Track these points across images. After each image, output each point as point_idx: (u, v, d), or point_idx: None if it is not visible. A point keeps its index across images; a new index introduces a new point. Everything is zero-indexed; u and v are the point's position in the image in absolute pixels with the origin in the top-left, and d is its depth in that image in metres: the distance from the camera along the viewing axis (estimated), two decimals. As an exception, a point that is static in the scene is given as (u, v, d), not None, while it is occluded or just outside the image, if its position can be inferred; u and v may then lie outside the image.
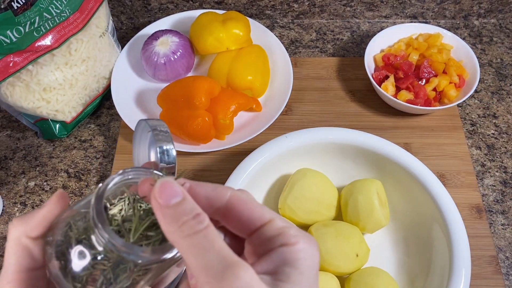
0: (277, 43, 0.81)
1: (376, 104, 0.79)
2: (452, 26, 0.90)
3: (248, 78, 0.75)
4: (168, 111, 0.72)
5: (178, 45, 0.77)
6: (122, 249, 0.26)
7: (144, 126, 0.32)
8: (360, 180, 0.64)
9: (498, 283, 0.64)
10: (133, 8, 0.89)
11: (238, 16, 0.78)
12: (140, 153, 0.34)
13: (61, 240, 0.28)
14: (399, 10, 0.89)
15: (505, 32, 0.90)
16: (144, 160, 0.35)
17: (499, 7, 0.89)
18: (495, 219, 0.69)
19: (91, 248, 0.27)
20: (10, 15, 0.61)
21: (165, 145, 0.31)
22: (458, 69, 0.76)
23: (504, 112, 0.80)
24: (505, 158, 0.75)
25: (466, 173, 0.72)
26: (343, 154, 0.66)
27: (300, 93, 0.81)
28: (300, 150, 0.65)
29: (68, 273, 0.28)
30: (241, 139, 0.72)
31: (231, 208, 0.27)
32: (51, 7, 0.65)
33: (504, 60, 0.86)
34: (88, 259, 0.27)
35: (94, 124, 0.79)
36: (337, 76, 0.83)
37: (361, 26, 0.91)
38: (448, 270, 0.56)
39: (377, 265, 0.61)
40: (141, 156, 0.34)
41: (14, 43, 0.63)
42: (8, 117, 0.80)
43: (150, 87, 0.79)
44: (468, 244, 0.57)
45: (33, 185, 0.73)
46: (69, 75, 0.71)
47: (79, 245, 0.27)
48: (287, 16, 0.91)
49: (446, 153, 0.74)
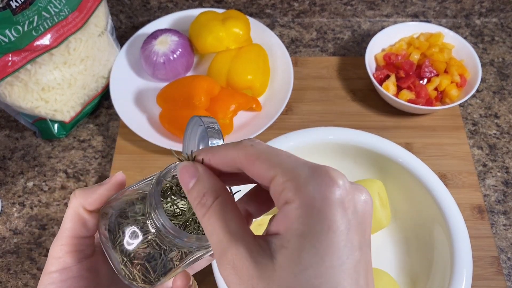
0: (278, 42, 0.81)
1: (377, 103, 0.79)
2: (453, 25, 0.90)
3: (248, 78, 0.74)
4: (168, 110, 0.72)
5: (177, 44, 0.76)
6: (171, 232, 0.29)
7: (196, 121, 0.34)
8: (361, 180, 0.64)
9: (500, 284, 0.63)
10: (132, 7, 0.89)
11: (238, 15, 0.78)
12: (189, 147, 0.35)
13: (117, 215, 0.31)
14: (400, 9, 0.89)
15: (506, 32, 0.89)
16: None
17: (501, 6, 0.88)
18: (497, 219, 0.69)
19: (143, 228, 0.30)
20: (9, 14, 0.61)
21: (215, 140, 0.32)
22: (460, 69, 0.76)
23: (506, 112, 0.79)
24: (507, 158, 0.74)
25: (468, 173, 0.72)
26: (343, 154, 0.66)
27: (301, 93, 0.80)
28: (300, 150, 0.65)
29: (117, 245, 0.31)
30: (241, 139, 0.71)
31: (244, 168, 0.27)
32: (49, 6, 0.65)
33: (506, 60, 0.85)
34: (139, 238, 0.30)
35: (93, 123, 0.78)
36: (338, 76, 0.83)
37: (362, 25, 0.90)
38: (450, 271, 0.55)
39: (378, 266, 0.61)
40: (190, 149, 0.35)
41: (12, 42, 0.63)
42: (7, 117, 0.79)
43: (149, 87, 0.79)
44: (470, 245, 0.56)
45: (31, 185, 0.72)
46: (67, 74, 0.70)
47: (133, 224, 0.31)
48: (287, 15, 0.90)
49: (447, 153, 0.74)
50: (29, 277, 0.65)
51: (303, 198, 0.23)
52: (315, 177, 0.24)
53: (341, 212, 0.23)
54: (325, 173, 0.24)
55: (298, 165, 0.25)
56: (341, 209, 0.23)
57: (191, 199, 0.27)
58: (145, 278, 0.31)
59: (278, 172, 0.25)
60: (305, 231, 0.23)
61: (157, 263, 0.31)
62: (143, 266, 0.31)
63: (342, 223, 0.23)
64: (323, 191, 0.23)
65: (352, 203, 0.23)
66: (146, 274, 0.31)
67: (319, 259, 0.22)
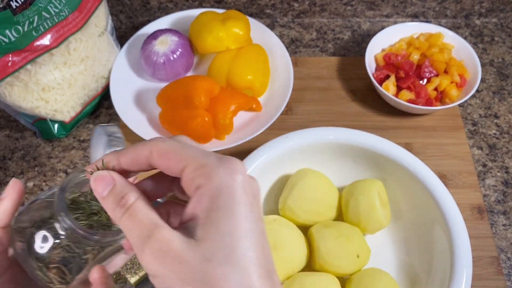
0: (278, 42, 0.81)
1: (377, 104, 0.79)
2: (453, 26, 0.90)
3: (248, 78, 0.74)
4: (168, 111, 0.72)
5: (177, 45, 0.76)
6: (79, 232, 0.31)
7: (100, 132, 0.37)
8: (361, 180, 0.64)
9: (500, 284, 0.63)
10: (132, 7, 0.89)
11: (238, 15, 0.78)
12: (97, 156, 0.38)
13: (27, 225, 0.33)
14: (400, 9, 0.89)
15: (506, 32, 0.89)
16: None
17: (501, 7, 0.88)
18: (497, 219, 0.69)
19: (53, 232, 0.33)
20: (9, 14, 0.61)
21: (120, 148, 0.35)
22: (460, 69, 0.76)
23: (505, 112, 0.79)
24: (507, 158, 0.74)
25: (468, 173, 0.72)
26: (343, 154, 0.66)
27: (301, 93, 0.80)
28: (300, 150, 0.65)
29: (31, 253, 0.33)
30: (241, 139, 0.71)
31: (156, 163, 0.30)
32: (50, 6, 0.65)
33: (506, 60, 0.85)
34: (50, 242, 0.33)
35: (93, 124, 0.78)
36: (338, 76, 0.83)
37: (362, 25, 0.90)
38: (450, 271, 0.55)
39: (378, 266, 0.61)
40: (97, 157, 0.38)
41: (12, 42, 0.63)
42: (7, 117, 0.79)
43: (149, 87, 0.79)
44: (470, 245, 0.56)
45: (31, 186, 0.72)
46: (68, 74, 0.71)
47: (44, 230, 0.33)
48: (287, 15, 0.90)
49: (447, 153, 0.74)
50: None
51: (214, 181, 0.27)
52: (223, 165, 0.28)
53: (243, 191, 0.28)
54: (230, 162, 0.29)
55: (206, 156, 0.29)
56: (243, 190, 0.28)
57: (107, 203, 0.30)
58: (62, 280, 0.34)
59: (189, 162, 0.28)
60: (219, 206, 0.27)
61: (71, 264, 0.33)
62: (58, 269, 0.33)
63: (246, 199, 0.28)
64: (230, 176, 0.28)
65: (249, 186, 0.29)
66: (62, 275, 0.34)
67: (234, 227, 0.27)
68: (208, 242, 0.26)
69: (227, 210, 0.27)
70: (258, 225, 0.28)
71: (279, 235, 0.59)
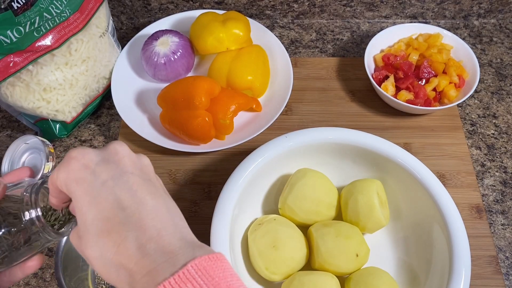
0: (277, 43, 0.81)
1: (376, 104, 0.79)
2: (452, 26, 0.90)
3: (248, 78, 0.75)
4: (168, 111, 0.72)
5: (178, 45, 0.77)
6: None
7: (18, 143, 0.50)
8: (360, 180, 0.64)
9: (498, 283, 0.64)
10: (133, 8, 0.89)
11: (238, 16, 0.78)
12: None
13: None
14: (399, 10, 0.89)
15: (505, 32, 0.90)
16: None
17: (499, 7, 0.89)
18: (495, 219, 0.69)
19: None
20: (10, 15, 0.61)
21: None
22: (458, 69, 0.76)
23: (504, 112, 0.80)
24: (505, 158, 0.75)
25: (466, 173, 0.72)
26: (343, 154, 0.66)
27: (300, 93, 0.81)
28: (300, 150, 0.65)
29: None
30: (241, 139, 0.72)
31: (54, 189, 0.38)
32: (51, 7, 0.65)
33: (504, 60, 0.86)
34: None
35: (94, 124, 0.79)
36: (337, 76, 0.83)
37: (361, 26, 0.91)
38: (448, 270, 0.56)
39: (377, 265, 0.61)
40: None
41: (14, 43, 0.63)
42: (8, 117, 0.80)
43: (150, 87, 0.79)
44: (468, 244, 0.57)
45: (33, 185, 0.72)
46: (69, 75, 0.71)
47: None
48: (287, 16, 0.91)
49: (446, 153, 0.74)
50: (30, 276, 0.65)
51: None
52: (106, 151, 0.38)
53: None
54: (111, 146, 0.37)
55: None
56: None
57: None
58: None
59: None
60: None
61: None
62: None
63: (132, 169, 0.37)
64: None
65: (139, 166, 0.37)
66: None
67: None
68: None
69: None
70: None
71: (279, 235, 0.59)
